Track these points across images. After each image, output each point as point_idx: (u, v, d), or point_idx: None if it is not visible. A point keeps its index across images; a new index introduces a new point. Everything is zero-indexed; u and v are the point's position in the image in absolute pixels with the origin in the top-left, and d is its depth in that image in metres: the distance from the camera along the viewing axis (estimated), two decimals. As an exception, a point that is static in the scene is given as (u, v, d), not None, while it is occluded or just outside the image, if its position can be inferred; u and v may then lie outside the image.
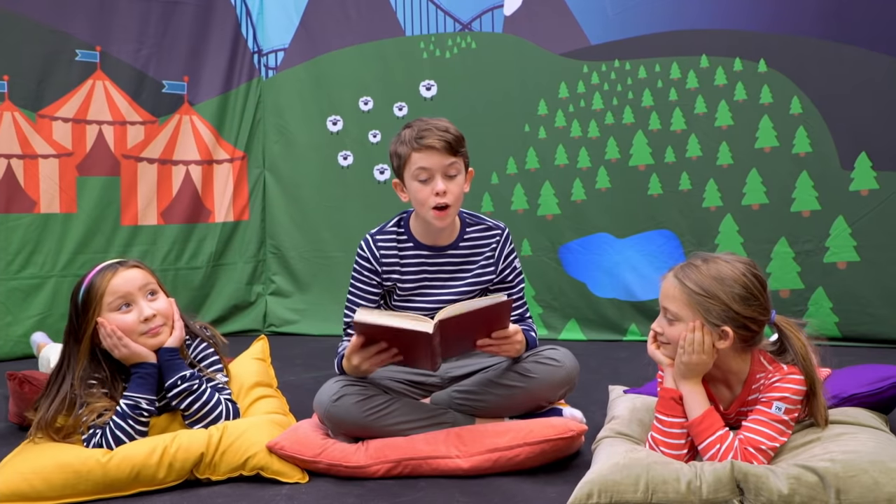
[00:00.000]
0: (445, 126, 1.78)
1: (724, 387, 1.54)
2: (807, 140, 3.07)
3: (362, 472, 1.64)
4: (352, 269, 1.91)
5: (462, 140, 1.81)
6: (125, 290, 1.73)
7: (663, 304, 1.51)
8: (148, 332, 1.74)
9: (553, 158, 3.50)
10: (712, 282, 1.47)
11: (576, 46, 3.45)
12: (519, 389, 1.77)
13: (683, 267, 1.51)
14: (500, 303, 1.64)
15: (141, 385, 1.70)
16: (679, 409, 1.50)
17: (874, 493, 1.27)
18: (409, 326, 1.57)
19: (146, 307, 1.74)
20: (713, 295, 1.46)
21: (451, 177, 1.78)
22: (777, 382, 1.48)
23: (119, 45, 3.56)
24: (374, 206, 3.67)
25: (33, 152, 3.35)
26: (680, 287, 1.48)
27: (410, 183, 1.80)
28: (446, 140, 1.76)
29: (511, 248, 1.94)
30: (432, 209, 1.77)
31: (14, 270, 3.29)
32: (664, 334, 1.52)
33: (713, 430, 1.45)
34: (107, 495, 1.57)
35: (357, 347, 1.65)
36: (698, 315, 1.46)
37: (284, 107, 3.91)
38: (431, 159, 1.76)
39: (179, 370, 1.74)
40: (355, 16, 3.80)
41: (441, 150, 1.75)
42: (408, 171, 1.79)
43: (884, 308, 2.94)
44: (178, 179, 3.74)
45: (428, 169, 1.76)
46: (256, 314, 3.89)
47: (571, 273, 3.49)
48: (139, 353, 1.72)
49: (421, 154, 1.76)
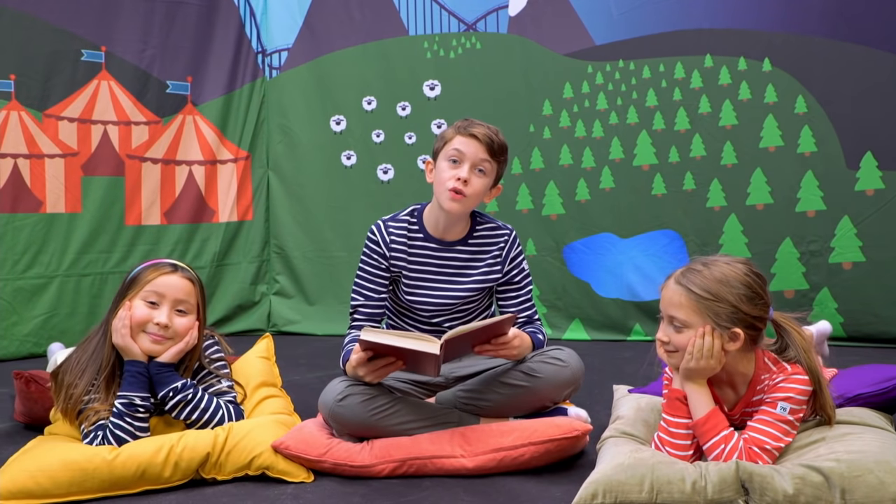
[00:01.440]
0: (496, 130, 1.87)
1: (729, 388, 1.54)
2: (812, 139, 3.07)
3: (367, 471, 1.64)
4: (360, 253, 1.93)
5: (505, 149, 1.88)
6: (162, 291, 1.75)
7: (669, 313, 1.50)
8: (151, 334, 1.74)
9: (557, 158, 3.50)
10: (718, 285, 1.46)
11: (580, 47, 3.45)
12: (524, 389, 1.77)
13: (684, 273, 1.50)
14: (505, 318, 1.67)
15: (132, 384, 1.70)
16: (685, 410, 1.50)
17: (879, 493, 1.27)
18: (416, 347, 1.58)
19: (165, 315, 1.74)
20: (721, 298, 1.45)
21: (479, 171, 1.83)
22: (782, 383, 1.48)
23: (124, 45, 3.57)
24: (378, 206, 3.67)
25: (39, 152, 3.36)
26: (686, 294, 1.47)
27: (441, 163, 1.85)
28: (490, 137, 1.83)
29: (519, 251, 1.95)
30: (449, 190, 1.80)
31: (20, 270, 3.30)
32: (670, 343, 1.50)
33: (718, 430, 1.45)
34: (112, 493, 1.58)
35: (363, 360, 1.66)
36: (707, 320, 1.46)
37: (288, 107, 3.91)
38: (470, 147, 1.82)
39: (170, 382, 1.73)
40: (359, 16, 3.80)
41: (482, 143, 1.82)
42: (445, 150, 1.85)
43: (889, 308, 2.93)
44: (182, 179, 3.74)
45: (462, 153, 1.82)
46: (260, 314, 3.89)
47: (575, 273, 3.49)
48: (129, 346, 1.72)
49: (463, 139, 1.83)
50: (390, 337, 1.60)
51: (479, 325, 1.64)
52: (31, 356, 3.25)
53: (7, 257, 3.27)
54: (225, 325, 3.74)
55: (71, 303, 3.40)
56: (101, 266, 3.50)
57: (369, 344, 1.61)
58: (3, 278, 3.25)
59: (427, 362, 1.66)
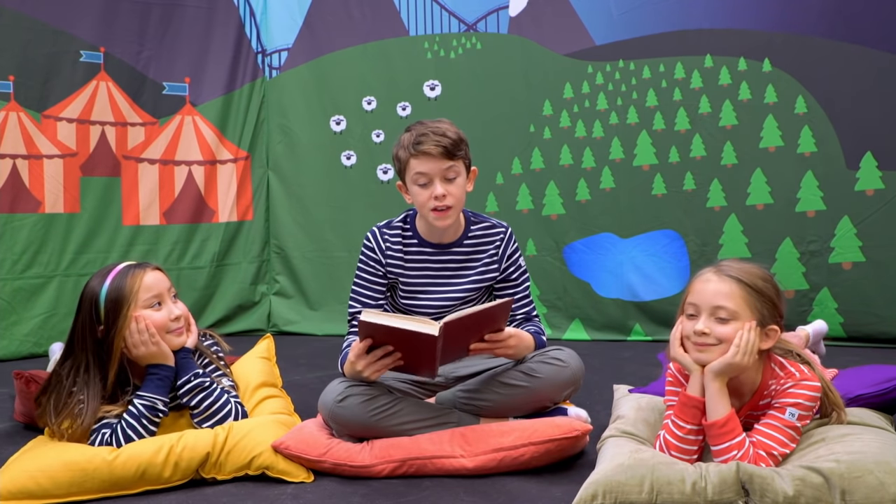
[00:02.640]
0: (444, 130, 1.79)
1: (734, 396, 1.51)
2: (812, 140, 3.07)
3: (367, 471, 1.64)
4: (357, 261, 1.92)
5: (460, 142, 1.81)
6: (158, 289, 1.76)
7: (716, 304, 1.46)
8: (174, 330, 1.77)
9: (558, 158, 3.50)
10: (762, 281, 1.47)
11: (581, 47, 3.45)
12: (524, 389, 1.77)
13: (722, 267, 1.49)
14: (503, 303, 1.67)
15: (159, 387, 1.72)
16: (699, 417, 1.48)
17: (879, 494, 1.27)
18: (415, 328, 1.57)
19: (175, 308, 1.78)
20: (765, 294, 1.46)
21: (450, 179, 1.80)
22: (791, 388, 1.46)
23: (121, 46, 3.57)
24: (378, 206, 3.67)
25: (38, 152, 3.36)
26: (737, 284, 1.46)
27: (411, 186, 1.83)
28: (443, 145, 1.77)
29: (515, 247, 1.95)
30: (432, 211, 1.80)
31: (19, 270, 3.30)
32: (711, 335, 1.46)
33: (734, 434, 1.43)
34: (113, 494, 1.58)
35: (362, 351, 1.65)
36: (755, 313, 1.45)
37: (288, 107, 3.91)
38: (429, 164, 1.78)
39: (193, 368, 1.77)
40: (359, 16, 3.80)
41: (437, 156, 1.77)
42: (408, 175, 1.82)
43: (889, 308, 2.93)
44: (181, 180, 3.74)
45: (426, 174, 1.79)
46: (260, 314, 3.89)
47: (576, 273, 3.49)
48: (166, 352, 1.74)
49: (418, 160, 1.78)
50: (390, 318, 1.60)
51: (480, 308, 1.63)
52: (31, 356, 3.25)
53: (6, 257, 3.27)
54: (225, 326, 3.74)
55: (70, 302, 3.38)
56: (100, 266, 3.46)
57: (369, 326, 1.60)
58: (3, 278, 3.25)
59: (426, 353, 1.64)
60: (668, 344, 1.55)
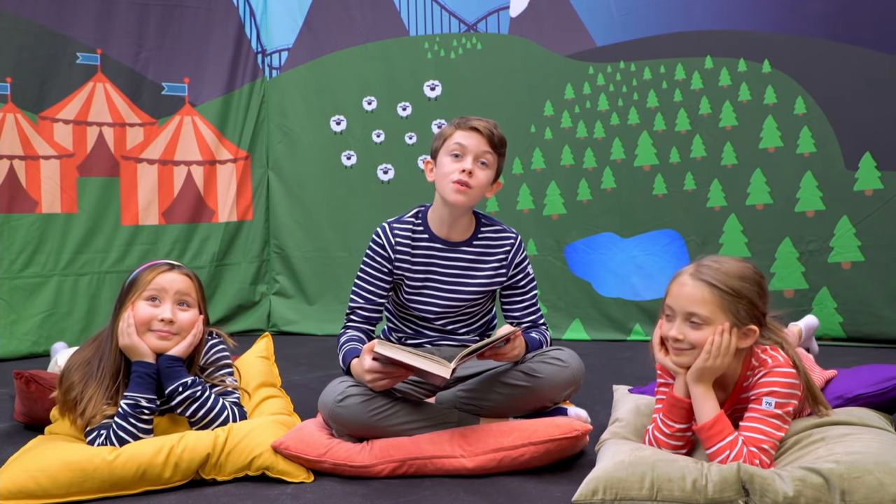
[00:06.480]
0: (494, 123, 1.88)
1: (718, 388, 1.52)
2: (811, 140, 3.07)
3: (367, 471, 1.64)
4: (364, 255, 1.92)
5: (504, 143, 1.89)
6: (161, 287, 1.75)
7: (688, 310, 1.46)
8: (157, 331, 1.74)
9: (559, 159, 3.50)
10: (739, 281, 1.46)
11: (581, 48, 3.45)
12: (524, 389, 1.77)
13: (700, 269, 1.48)
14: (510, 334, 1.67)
15: (139, 385, 1.70)
16: (687, 417, 1.50)
17: (879, 494, 1.27)
18: (427, 368, 1.59)
19: (168, 310, 1.75)
20: (742, 294, 1.45)
21: (482, 164, 1.84)
22: (763, 377, 1.46)
23: (119, 47, 3.57)
24: (378, 206, 3.67)
25: (35, 153, 3.37)
26: (710, 289, 1.45)
27: (443, 158, 1.85)
28: (490, 130, 1.84)
29: (524, 256, 1.95)
30: (454, 182, 1.80)
31: (17, 269, 3.30)
32: (685, 340, 1.47)
33: (724, 435, 1.44)
34: (113, 494, 1.58)
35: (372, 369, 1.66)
36: (729, 316, 1.45)
37: (288, 107, 3.91)
38: (471, 140, 1.83)
39: (180, 377, 1.73)
40: (359, 16, 3.80)
41: (483, 136, 1.83)
42: (445, 147, 1.85)
43: (888, 308, 2.94)
44: (180, 180, 3.74)
45: (464, 146, 1.83)
46: (260, 314, 3.89)
47: (576, 272, 3.49)
48: (138, 346, 1.72)
49: (464, 133, 1.84)
50: (404, 354, 1.60)
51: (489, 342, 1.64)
52: (30, 355, 3.25)
53: (3, 256, 3.28)
54: (225, 325, 3.74)
55: (69, 302, 3.40)
56: (99, 265, 3.50)
57: (382, 357, 1.61)
58: (1, 277, 3.25)
59: (433, 380, 1.67)
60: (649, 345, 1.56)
